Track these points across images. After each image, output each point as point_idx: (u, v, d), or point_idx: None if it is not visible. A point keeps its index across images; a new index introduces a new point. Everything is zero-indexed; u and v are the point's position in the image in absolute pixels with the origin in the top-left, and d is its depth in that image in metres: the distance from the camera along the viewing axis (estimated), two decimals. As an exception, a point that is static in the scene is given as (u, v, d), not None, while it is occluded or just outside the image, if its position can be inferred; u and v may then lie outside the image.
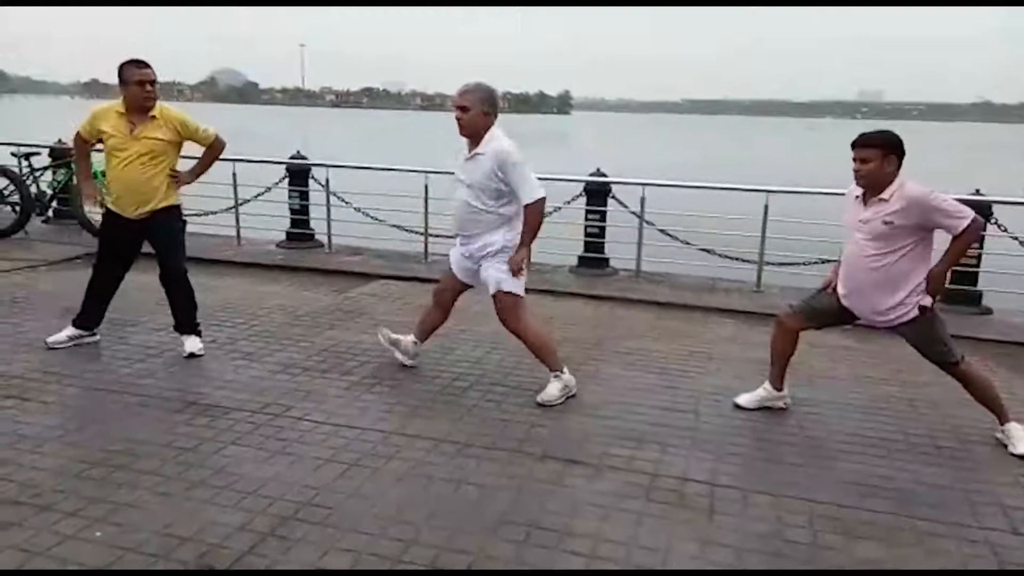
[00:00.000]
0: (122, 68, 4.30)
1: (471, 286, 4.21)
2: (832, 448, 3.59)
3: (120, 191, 4.40)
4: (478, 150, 3.81)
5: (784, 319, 3.96)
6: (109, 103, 4.45)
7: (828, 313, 3.85)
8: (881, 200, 3.49)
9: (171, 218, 4.55)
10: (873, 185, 3.51)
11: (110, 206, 4.48)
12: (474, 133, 3.81)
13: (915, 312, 3.56)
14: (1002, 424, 3.67)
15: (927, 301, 3.56)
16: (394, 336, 4.49)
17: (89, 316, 4.66)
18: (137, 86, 4.24)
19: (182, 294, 4.63)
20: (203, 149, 4.66)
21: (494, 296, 3.99)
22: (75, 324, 4.66)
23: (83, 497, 2.91)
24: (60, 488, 2.97)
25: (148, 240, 4.57)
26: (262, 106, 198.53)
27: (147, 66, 4.30)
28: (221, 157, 4.74)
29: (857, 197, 3.62)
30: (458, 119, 3.80)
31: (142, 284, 4.82)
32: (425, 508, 2.92)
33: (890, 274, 3.53)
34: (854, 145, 3.53)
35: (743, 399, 4.04)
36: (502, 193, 3.81)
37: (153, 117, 4.32)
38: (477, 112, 3.77)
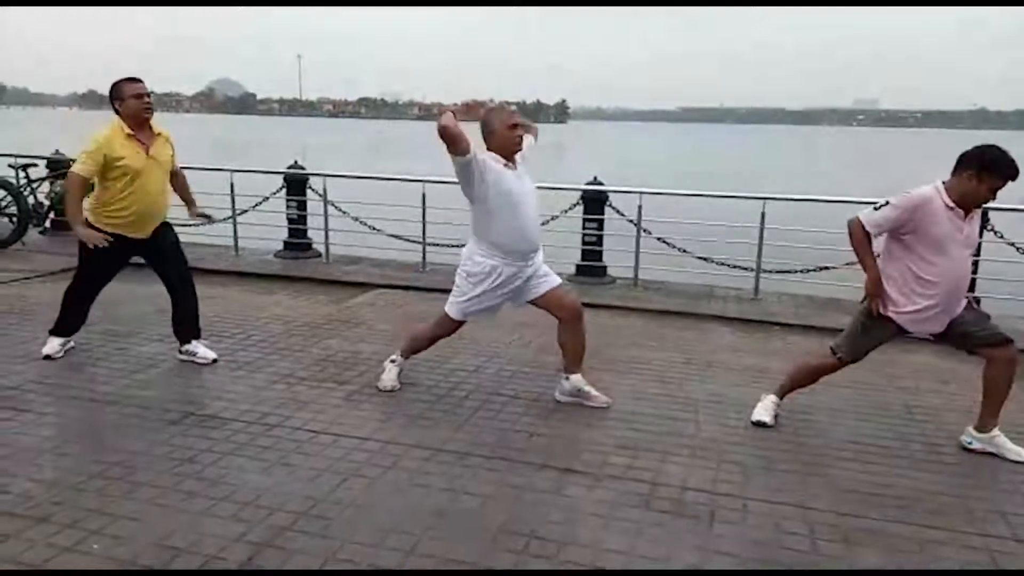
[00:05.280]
0: (116, 86, 4.32)
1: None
2: (831, 456, 3.58)
3: (141, 213, 4.36)
4: (519, 163, 3.94)
5: (831, 364, 3.83)
6: (105, 132, 4.25)
7: (875, 346, 3.78)
8: (972, 216, 3.57)
9: (171, 228, 4.67)
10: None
11: (122, 232, 4.37)
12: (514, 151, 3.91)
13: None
14: (986, 427, 3.63)
15: None
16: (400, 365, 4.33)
17: (75, 322, 4.69)
18: (135, 99, 4.28)
19: (195, 298, 4.71)
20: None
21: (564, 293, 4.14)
22: (59, 332, 4.65)
23: (80, 509, 2.89)
24: (57, 500, 2.95)
25: (154, 254, 4.59)
26: (260, 116, 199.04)
27: (140, 81, 4.35)
28: (218, 168, 4.81)
29: (951, 210, 3.47)
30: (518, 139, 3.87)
31: (139, 295, 4.82)
32: (424, 518, 2.91)
33: None
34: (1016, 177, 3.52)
35: (763, 416, 3.90)
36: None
37: (159, 135, 4.43)
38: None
